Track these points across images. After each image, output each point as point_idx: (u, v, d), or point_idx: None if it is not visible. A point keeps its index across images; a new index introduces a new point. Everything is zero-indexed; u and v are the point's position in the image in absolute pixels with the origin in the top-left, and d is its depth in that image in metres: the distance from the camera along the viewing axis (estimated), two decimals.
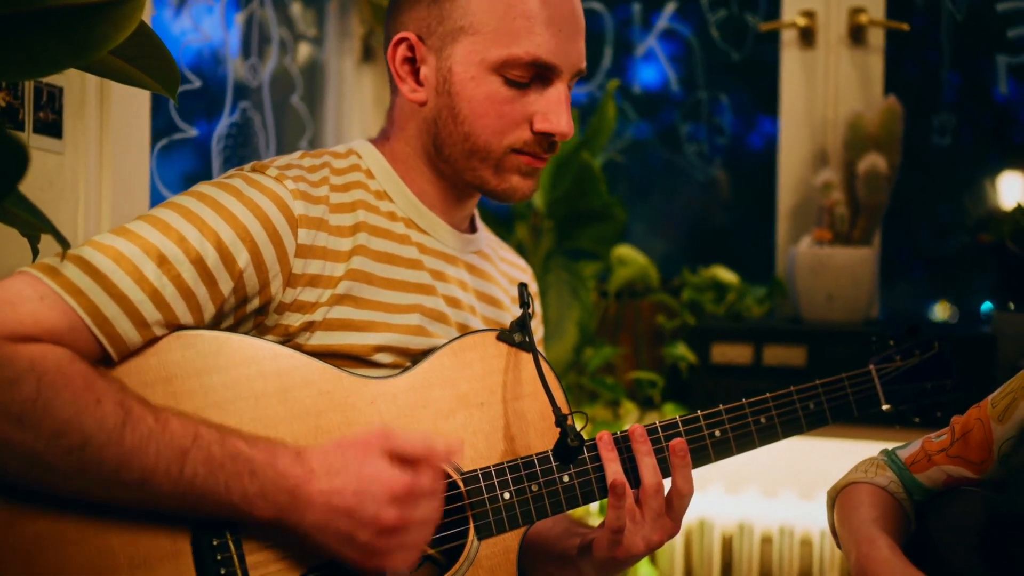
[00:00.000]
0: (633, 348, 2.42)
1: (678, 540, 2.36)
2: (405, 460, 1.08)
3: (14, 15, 0.89)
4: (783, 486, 2.39)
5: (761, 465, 2.44)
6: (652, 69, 2.79)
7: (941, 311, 2.68)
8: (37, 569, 1.00)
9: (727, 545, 2.35)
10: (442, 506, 1.11)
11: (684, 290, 2.41)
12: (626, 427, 1.30)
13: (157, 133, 1.95)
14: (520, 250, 2.42)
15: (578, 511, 2.24)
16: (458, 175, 1.33)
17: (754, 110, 2.83)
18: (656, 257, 2.62)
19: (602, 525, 1.24)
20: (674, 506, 1.23)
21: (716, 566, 2.33)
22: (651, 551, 1.22)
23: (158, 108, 1.95)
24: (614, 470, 1.21)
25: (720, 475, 2.46)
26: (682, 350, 2.25)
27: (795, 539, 2.29)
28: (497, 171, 1.31)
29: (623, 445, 1.25)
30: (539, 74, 1.28)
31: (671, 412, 2.28)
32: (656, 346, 2.39)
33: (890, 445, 1.33)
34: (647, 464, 1.22)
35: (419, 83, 1.32)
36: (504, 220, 2.50)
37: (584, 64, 1.33)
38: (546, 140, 1.30)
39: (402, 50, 1.31)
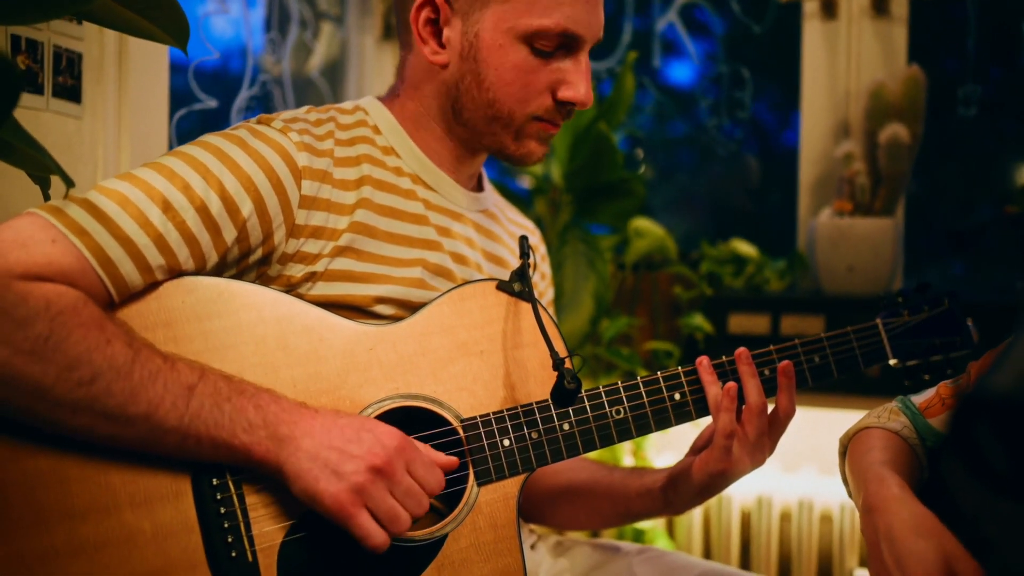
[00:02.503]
0: (650, 319, 2.41)
1: (696, 514, 2.35)
2: None
3: None
4: (804, 461, 2.37)
5: (781, 440, 2.41)
6: (683, 66, 2.78)
7: None
8: (39, 504, 1.02)
9: (746, 520, 2.33)
10: (435, 491, 1.12)
11: (703, 263, 2.40)
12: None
13: (176, 103, 1.98)
14: (539, 225, 2.42)
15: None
16: (476, 139, 1.34)
17: (775, 84, 2.80)
18: (679, 233, 2.61)
19: (692, 454, 1.33)
20: (777, 426, 1.29)
21: (735, 540, 2.32)
22: (754, 469, 1.29)
23: (178, 78, 1.98)
24: (714, 392, 1.26)
25: None
26: (699, 320, 2.24)
27: (815, 514, 2.26)
28: (517, 137, 1.33)
29: (722, 371, 1.29)
30: (564, 44, 1.28)
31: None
32: (673, 317, 2.38)
33: None
34: (752, 385, 1.27)
35: (441, 45, 1.32)
36: (522, 195, 2.50)
37: (602, 33, 1.33)
38: (565, 108, 1.32)
39: (426, 12, 1.30)
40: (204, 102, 2.07)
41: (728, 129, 2.73)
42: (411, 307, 1.27)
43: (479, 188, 1.48)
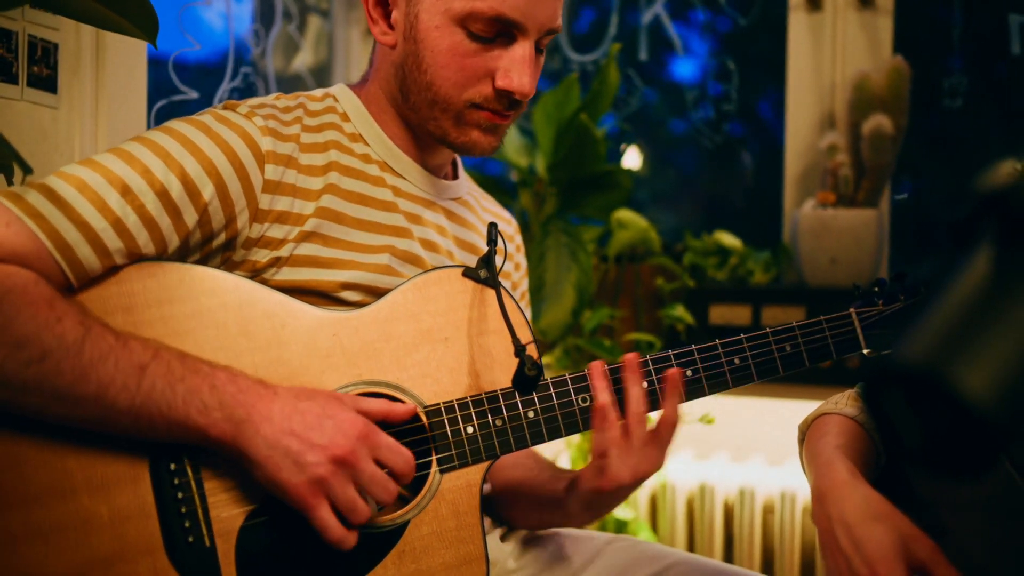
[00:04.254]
0: (632, 311, 2.40)
1: (680, 506, 2.35)
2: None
3: None
4: (787, 454, 2.36)
5: (766, 433, 2.41)
6: (670, 60, 2.77)
7: None
8: None
9: (729, 512, 2.33)
10: (404, 472, 1.11)
11: (686, 254, 2.39)
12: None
13: (157, 94, 1.98)
14: (523, 218, 2.42)
15: None
16: (422, 124, 1.33)
17: (760, 75, 2.79)
18: (667, 226, 2.60)
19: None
20: (661, 435, 1.21)
21: (718, 532, 2.31)
22: (637, 483, 1.21)
23: (158, 69, 1.98)
24: (603, 397, 1.21)
25: (726, 443, 2.44)
26: (680, 311, 2.23)
27: (797, 506, 2.26)
28: (457, 124, 1.30)
29: (616, 375, 1.24)
30: (503, 30, 1.26)
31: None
32: (655, 309, 2.37)
33: None
34: (634, 392, 1.21)
35: (390, 26, 1.32)
36: (508, 187, 2.50)
37: (557, 23, 1.30)
38: (506, 97, 1.28)
39: None
40: (185, 94, 2.07)
41: (715, 122, 2.73)
42: (378, 293, 1.26)
43: (454, 176, 1.48)
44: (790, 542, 2.25)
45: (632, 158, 2.78)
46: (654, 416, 1.25)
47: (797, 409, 2.20)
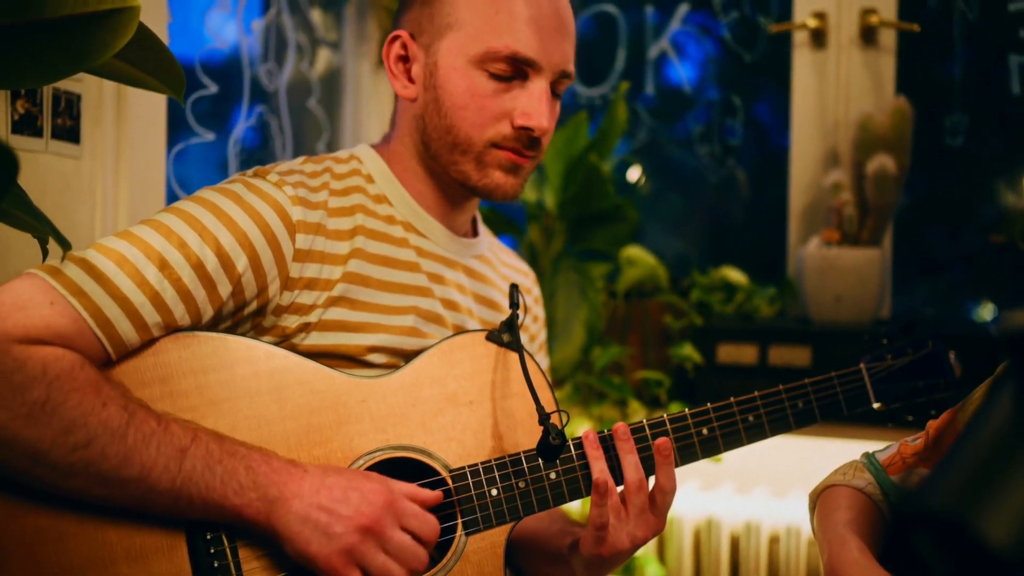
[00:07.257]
0: (641, 348, 2.44)
1: (687, 538, 2.38)
2: None
3: (15, 25, 0.94)
4: (792, 486, 2.40)
5: (772, 465, 2.45)
6: (666, 73, 2.81)
7: (984, 312, 2.63)
8: (38, 560, 1.05)
9: (735, 545, 2.36)
10: (431, 538, 1.14)
11: (693, 291, 2.43)
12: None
13: (174, 136, 2.01)
14: (532, 252, 2.45)
15: (574, 512, 2.26)
16: (444, 171, 1.36)
17: (765, 111, 2.83)
18: (672, 259, 2.63)
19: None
20: (657, 503, 1.24)
21: (724, 565, 2.35)
22: (636, 548, 1.24)
23: (175, 111, 2.01)
24: (599, 468, 1.23)
25: (731, 475, 2.47)
26: (688, 350, 2.27)
27: (802, 539, 2.29)
28: (479, 166, 1.34)
29: (609, 443, 1.27)
30: (520, 70, 1.31)
31: (675, 411, 2.29)
32: (664, 346, 2.41)
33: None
34: (629, 462, 1.24)
35: (411, 80, 1.36)
36: (517, 222, 2.53)
37: (570, 67, 1.35)
38: (526, 135, 1.32)
39: (396, 48, 1.36)
40: (201, 135, 2.10)
41: (721, 156, 2.76)
42: (404, 355, 1.30)
43: (474, 234, 1.51)
44: (795, 574, 2.29)
45: (635, 176, 2.81)
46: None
47: (799, 443, 2.25)
